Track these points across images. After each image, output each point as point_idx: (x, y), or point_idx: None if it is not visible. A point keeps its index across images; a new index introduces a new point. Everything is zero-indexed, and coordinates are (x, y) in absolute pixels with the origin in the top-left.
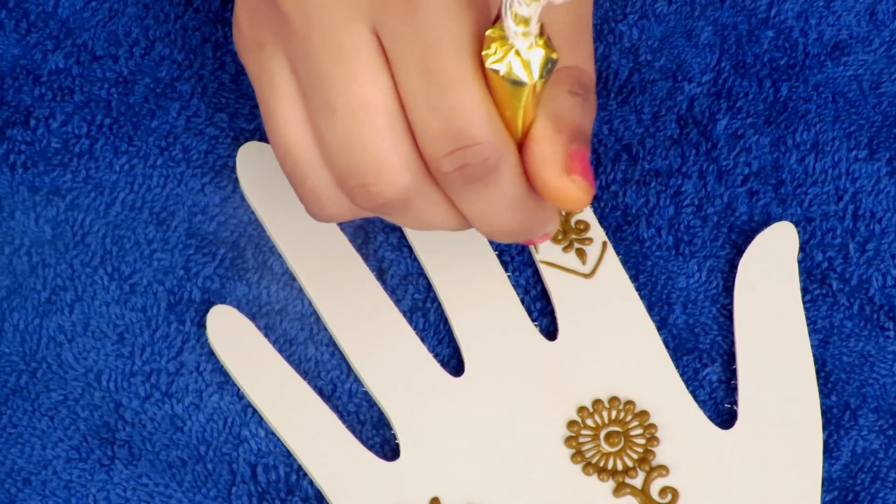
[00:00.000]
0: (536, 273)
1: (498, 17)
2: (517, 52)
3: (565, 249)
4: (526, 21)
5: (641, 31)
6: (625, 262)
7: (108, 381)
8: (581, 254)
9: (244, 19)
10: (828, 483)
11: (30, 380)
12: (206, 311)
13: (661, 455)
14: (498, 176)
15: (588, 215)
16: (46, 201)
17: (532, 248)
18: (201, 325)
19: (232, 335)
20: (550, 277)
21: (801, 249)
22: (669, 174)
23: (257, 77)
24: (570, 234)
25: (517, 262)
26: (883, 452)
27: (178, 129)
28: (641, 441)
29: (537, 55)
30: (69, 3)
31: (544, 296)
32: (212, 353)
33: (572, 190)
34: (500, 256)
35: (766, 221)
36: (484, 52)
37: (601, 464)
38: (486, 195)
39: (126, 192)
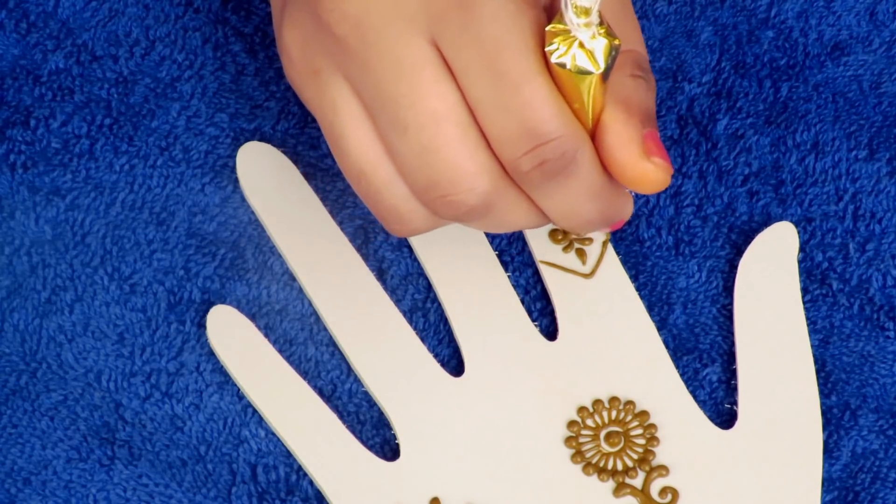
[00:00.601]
0: (536, 273)
1: (556, 12)
2: (580, 44)
3: (565, 249)
4: (587, 11)
5: (641, 31)
6: (625, 262)
7: (108, 381)
8: (581, 254)
9: (295, 47)
10: (828, 483)
11: (30, 380)
12: (206, 311)
13: (661, 455)
14: (577, 167)
15: None
16: (46, 201)
17: (531, 248)
18: (201, 325)
19: (232, 335)
20: (550, 277)
21: (801, 249)
22: None
23: (318, 103)
24: (570, 234)
25: (517, 262)
26: (883, 452)
27: (179, 129)
28: (641, 441)
29: (600, 44)
30: (69, 3)
31: (544, 296)
32: (212, 353)
33: (653, 172)
34: (500, 256)
35: (766, 221)
36: (547, 49)
37: (601, 464)
38: (566, 189)
39: (126, 192)
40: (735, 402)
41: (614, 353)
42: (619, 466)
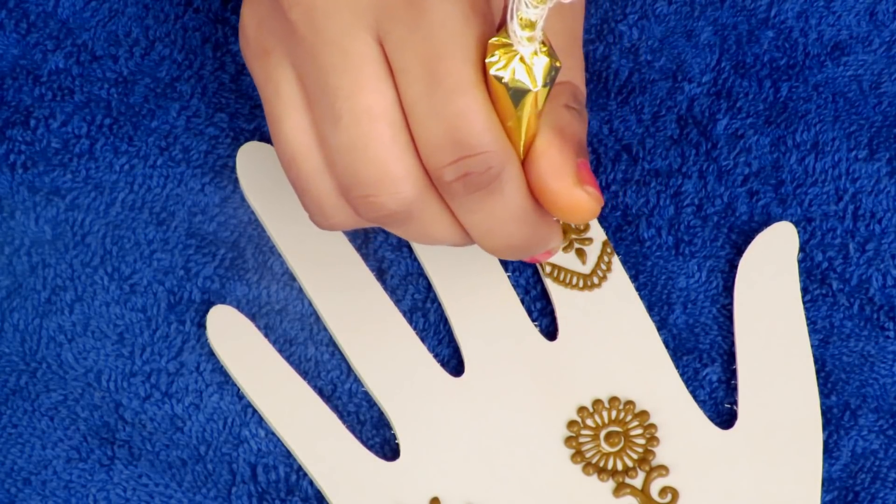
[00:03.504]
0: (536, 273)
1: (502, 25)
2: (521, 59)
3: (565, 249)
4: (532, 25)
5: (641, 31)
6: (625, 262)
7: (108, 381)
8: (581, 254)
9: (251, 26)
10: (828, 483)
11: (30, 380)
12: (206, 311)
13: (661, 455)
14: (501, 185)
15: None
16: (46, 201)
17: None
18: (201, 325)
19: (232, 335)
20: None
21: (801, 249)
22: (669, 174)
23: (263, 84)
24: (570, 234)
25: (517, 262)
26: (883, 452)
27: (178, 129)
28: (641, 441)
29: (541, 62)
30: (69, 3)
31: (544, 296)
32: (212, 353)
33: (585, 201)
34: None
35: (766, 221)
36: (487, 60)
37: (601, 464)
38: (488, 206)
39: (126, 192)
40: (735, 402)
41: (614, 353)
42: (619, 466)
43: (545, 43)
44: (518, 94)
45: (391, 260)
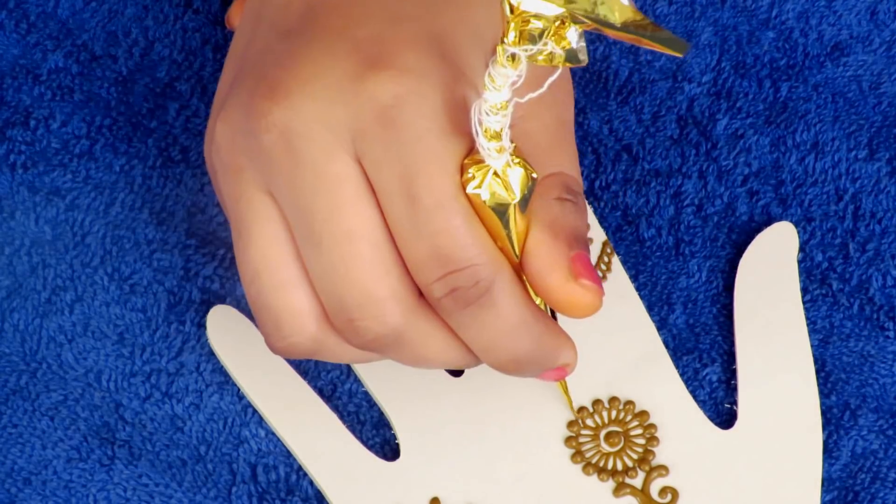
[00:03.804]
0: None
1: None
2: (495, 173)
3: None
4: (497, 136)
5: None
6: (625, 262)
7: (108, 381)
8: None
9: (224, 139)
10: (828, 483)
11: (30, 380)
12: (206, 311)
13: (661, 455)
14: (493, 298)
15: (588, 215)
16: (46, 201)
17: None
18: (201, 325)
19: (232, 335)
20: None
21: (801, 249)
22: (669, 174)
23: (234, 198)
24: None
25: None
26: (883, 452)
27: (178, 129)
28: (641, 441)
29: (516, 174)
30: (69, 3)
31: None
32: (212, 353)
33: (581, 294)
34: None
35: (766, 221)
36: (463, 179)
37: (601, 464)
38: (483, 319)
39: (126, 193)
40: (735, 402)
41: (614, 353)
42: (619, 466)
43: (517, 154)
44: (499, 209)
45: None
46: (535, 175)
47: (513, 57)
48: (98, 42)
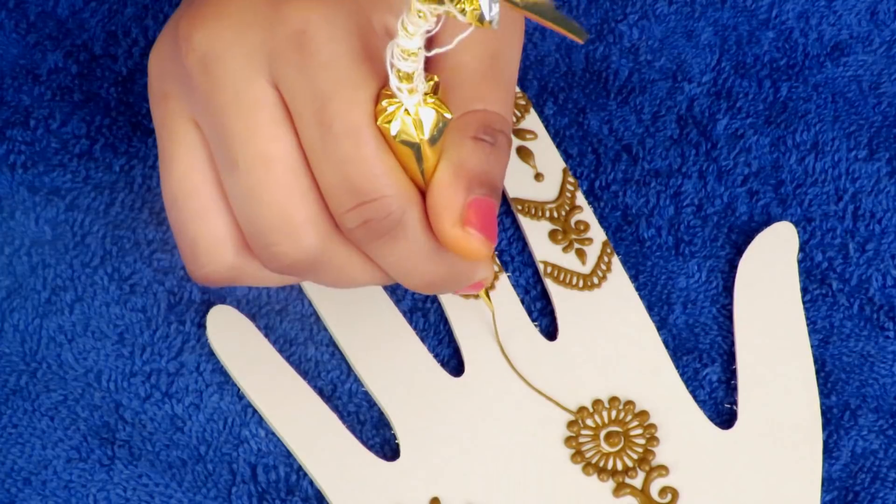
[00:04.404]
0: (536, 273)
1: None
2: (406, 111)
3: (565, 249)
4: (409, 77)
5: (641, 31)
6: (625, 262)
7: (108, 381)
8: (581, 254)
9: (154, 68)
10: (828, 483)
11: (30, 380)
12: (206, 311)
13: (661, 455)
14: (404, 230)
15: (588, 215)
16: (46, 201)
17: (531, 248)
18: (201, 325)
19: (232, 335)
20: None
21: (801, 249)
22: (669, 174)
23: (160, 126)
24: (570, 234)
25: (517, 262)
26: (883, 452)
27: None
28: (641, 441)
29: (429, 114)
30: (69, 3)
31: (544, 296)
32: (212, 353)
33: (466, 241)
34: (500, 256)
35: (766, 221)
36: (377, 109)
37: (601, 464)
38: (396, 249)
39: (126, 193)
40: (735, 402)
41: (614, 353)
42: (619, 466)
43: (433, 93)
44: (408, 144)
45: None
46: (448, 115)
47: (423, 13)
48: (98, 42)
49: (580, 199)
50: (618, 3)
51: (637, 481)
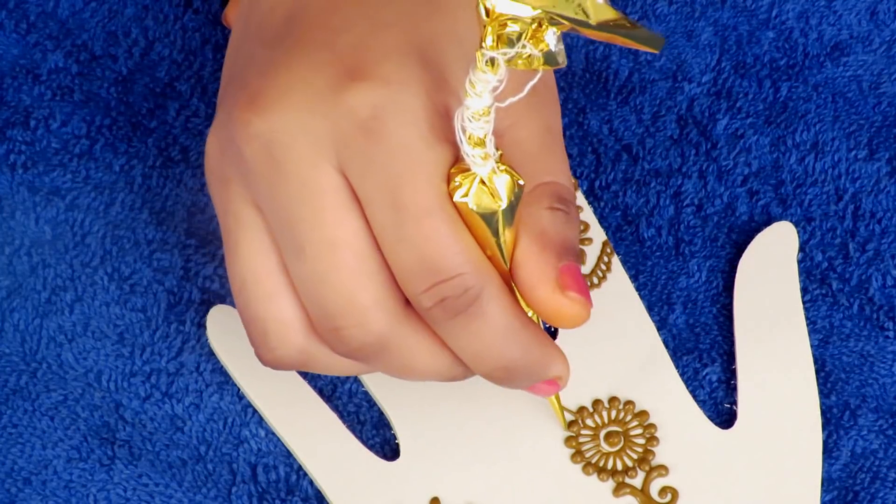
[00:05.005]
0: None
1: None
2: (482, 181)
3: None
4: (481, 143)
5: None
6: (625, 262)
7: (108, 381)
8: (581, 254)
9: (213, 152)
10: (828, 483)
11: (30, 380)
12: (206, 311)
13: (661, 455)
14: (481, 307)
15: (588, 215)
16: (46, 201)
17: None
18: (201, 325)
19: (232, 335)
20: None
21: (801, 249)
22: (669, 174)
23: (223, 211)
24: None
25: None
26: (883, 452)
27: (178, 129)
28: (641, 441)
29: (503, 181)
30: (69, 3)
31: None
32: (212, 353)
33: (568, 306)
34: None
35: (766, 221)
36: (450, 188)
37: (601, 464)
38: (472, 329)
39: (126, 193)
40: (735, 402)
41: (614, 352)
42: (619, 466)
43: (503, 162)
44: (487, 217)
45: None
46: (521, 182)
47: (492, 61)
48: (98, 42)
49: (580, 199)
50: (618, 4)
51: (637, 481)
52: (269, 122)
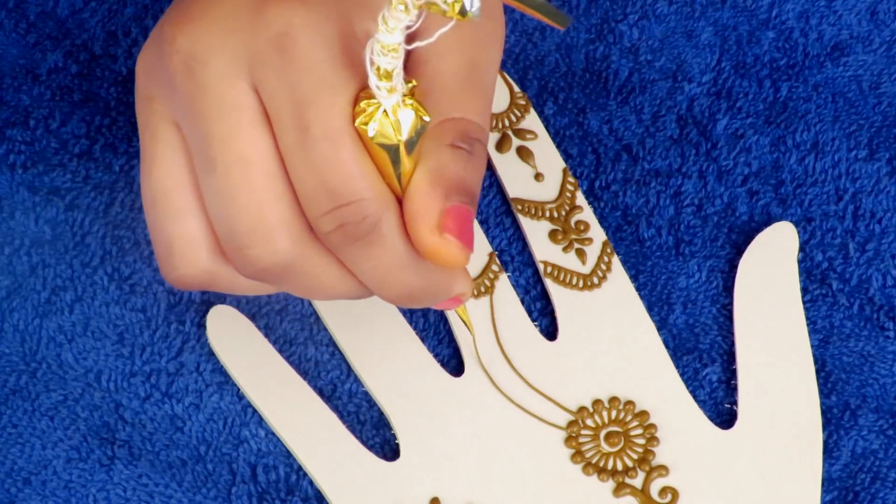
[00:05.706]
0: (536, 273)
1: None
2: (385, 113)
3: (565, 249)
4: (388, 75)
5: (641, 31)
6: (625, 262)
7: (108, 381)
8: (581, 254)
9: (141, 71)
10: (828, 483)
11: (30, 380)
12: (206, 311)
13: (661, 455)
14: (380, 235)
15: (588, 215)
16: (46, 201)
17: (531, 248)
18: (201, 325)
19: (232, 335)
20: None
21: (801, 249)
22: (669, 174)
23: (143, 127)
24: (570, 234)
25: (517, 262)
26: (883, 452)
27: None
28: (641, 441)
29: (408, 116)
30: (69, 2)
31: (544, 296)
32: (212, 353)
33: (444, 248)
34: (500, 256)
35: (766, 221)
36: (354, 111)
37: (601, 464)
38: (371, 255)
39: (126, 193)
40: (735, 402)
41: (614, 353)
42: (619, 466)
43: (411, 94)
44: (386, 146)
45: None
46: (426, 118)
47: (405, 5)
48: (98, 42)
49: (580, 199)
50: (618, 3)
51: (637, 481)
52: (191, 38)
